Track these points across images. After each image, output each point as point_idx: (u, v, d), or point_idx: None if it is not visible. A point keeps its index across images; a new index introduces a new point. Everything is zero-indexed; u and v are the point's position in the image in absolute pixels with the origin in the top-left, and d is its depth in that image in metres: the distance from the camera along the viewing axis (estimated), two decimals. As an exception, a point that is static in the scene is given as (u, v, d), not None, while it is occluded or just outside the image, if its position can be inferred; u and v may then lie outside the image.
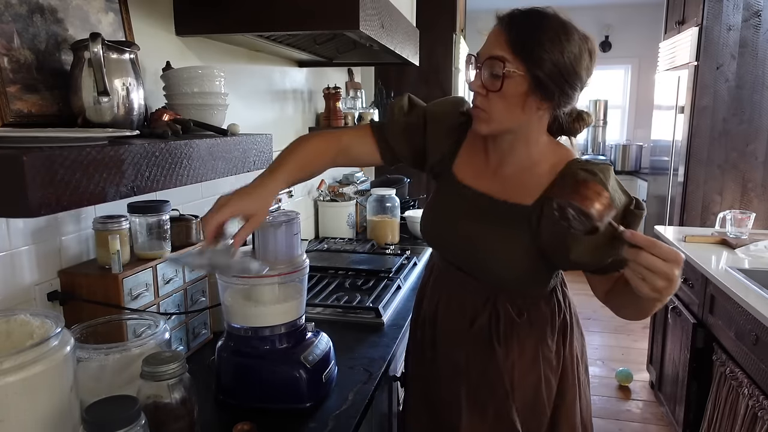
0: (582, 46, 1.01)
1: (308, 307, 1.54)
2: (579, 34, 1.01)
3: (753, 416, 1.76)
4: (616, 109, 6.45)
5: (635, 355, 3.50)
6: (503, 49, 1.00)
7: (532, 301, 1.16)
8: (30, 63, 0.98)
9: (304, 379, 1.10)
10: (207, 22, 1.43)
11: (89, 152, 0.76)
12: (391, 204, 2.51)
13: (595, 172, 1.03)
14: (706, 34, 3.53)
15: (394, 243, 2.42)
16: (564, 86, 1.00)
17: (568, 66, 0.99)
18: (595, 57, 1.04)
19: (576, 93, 1.04)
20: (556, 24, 1.00)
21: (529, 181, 1.09)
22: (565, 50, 0.98)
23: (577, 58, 1.00)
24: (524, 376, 1.15)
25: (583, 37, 1.02)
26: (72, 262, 1.16)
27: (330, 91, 2.40)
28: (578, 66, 1.00)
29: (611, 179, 1.03)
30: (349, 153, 1.24)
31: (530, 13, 1.02)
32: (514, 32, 1.00)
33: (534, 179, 1.09)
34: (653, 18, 5.72)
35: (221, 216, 0.97)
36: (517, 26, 1.01)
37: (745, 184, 3.63)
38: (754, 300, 1.82)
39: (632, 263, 0.85)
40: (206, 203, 1.63)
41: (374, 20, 1.50)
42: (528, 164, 1.11)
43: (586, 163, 1.07)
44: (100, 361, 0.91)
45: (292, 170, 1.12)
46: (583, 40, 1.01)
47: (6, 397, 0.71)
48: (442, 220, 1.21)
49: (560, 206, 0.84)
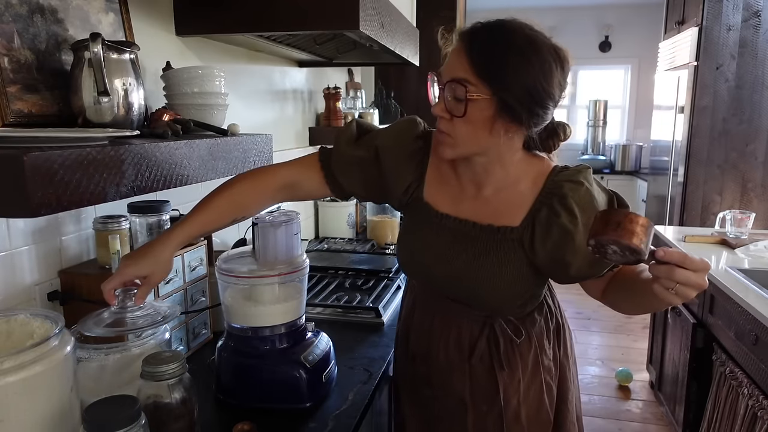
0: (552, 62, 0.93)
1: (308, 307, 1.54)
2: (548, 47, 0.94)
3: (753, 416, 1.76)
4: (616, 109, 6.45)
5: (635, 355, 3.50)
6: (466, 70, 0.92)
7: (528, 317, 1.13)
8: (30, 63, 0.98)
9: (304, 379, 1.10)
10: (207, 22, 1.44)
11: (89, 152, 0.76)
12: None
13: (581, 181, 0.99)
14: (705, 34, 3.53)
15: (394, 243, 2.42)
16: (534, 107, 0.93)
17: (537, 86, 0.92)
18: (568, 68, 0.97)
19: (549, 112, 0.97)
20: (522, 40, 0.92)
21: (513, 200, 1.03)
22: (532, 69, 0.91)
23: (546, 75, 0.92)
24: (528, 389, 1.13)
25: (552, 50, 0.94)
26: (72, 262, 1.16)
27: (330, 91, 2.40)
28: (549, 84, 0.93)
29: (593, 182, 1.01)
30: (292, 190, 1.16)
31: (493, 28, 0.94)
32: (476, 52, 0.92)
33: (517, 198, 1.03)
34: (653, 18, 5.72)
35: (113, 283, 0.96)
36: (479, 45, 0.92)
37: (744, 184, 3.64)
38: (753, 300, 1.82)
39: (664, 279, 0.81)
40: (206, 203, 1.63)
41: (374, 20, 1.50)
42: (507, 183, 1.04)
43: (567, 172, 1.03)
44: (100, 361, 0.91)
45: (196, 226, 1.06)
46: (553, 53, 0.94)
47: (6, 397, 0.71)
48: (427, 253, 1.11)
49: (603, 243, 0.79)
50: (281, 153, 2.15)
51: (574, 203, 0.98)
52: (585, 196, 0.99)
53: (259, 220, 1.13)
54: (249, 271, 1.12)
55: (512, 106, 0.92)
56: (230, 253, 1.19)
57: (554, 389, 1.16)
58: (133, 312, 0.97)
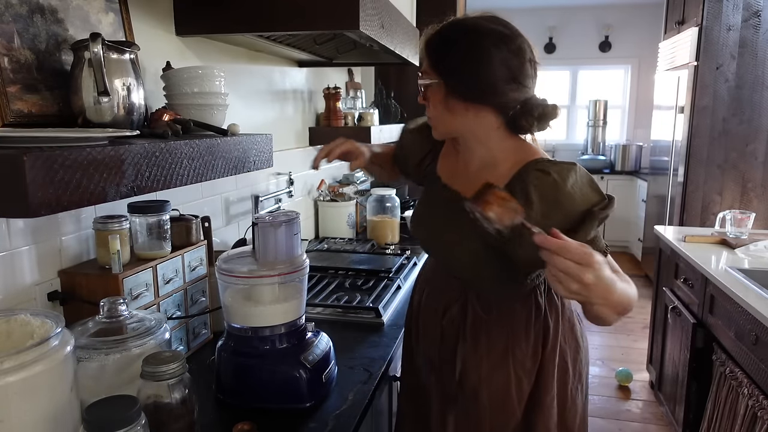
0: (492, 46, 1.04)
1: (308, 307, 1.54)
2: (488, 32, 1.05)
3: (753, 416, 1.76)
4: (616, 109, 6.45)
5: (635, 355, 3.50)
6: (425, 64, 1.13)
7: (506, 301, 1.16)
8: (30, 63, 0.98)
9: (304, 379, 1.10)
10: (207, 22, 1.44)
11: (89, 152, 0.76)
12: (391, 204, 2.51)
13: (549, 173, 1.03)
14: (705, 34, 3.53)
15: (394, 243, 2.42)
16: (478, 84, 1.06)
17: (475, 66, 1.05)
18: (524, 54, 1.06)
19: (502, 89, 1.06)
20: (459, 31, 1.08)
21: (491, 179, 1.04)
22: (469, 53, 1.06)
23: (484, 56, 1.04)
24: (492, 372, 1.16)
25: (494, 34, 1.05)
26: (72, 262, 1.16)
27: (330, 91, 2.40)
28: (487, 64, 1.04)
29: (570, 179, 1.02)
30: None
31: (443, 25, 1.11)
32: (429, 47, 1.11)
33: (494, 178, 1.07)
34: (653, 18, 5.73)
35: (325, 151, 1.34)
36: (432, 42, 1.11)
37: (744, 184, 3.64)
38: (753, 300, 1.82)
39: (549, 266, 0.85)
40: (206, 203, 1.64)
41: (374, 20, 1.50)
42: (490, 162, 1.14)
43: (545, 162, 1.07)
44: (100, 361, 0.91)
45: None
46: (494, 37, 1.05)
47: (6, 397, 0.71)
48: (424, 217, 1.30)
49: (470, 209, 0.92)
50: (281, 153, 2.15)
51: (533, 190, 1.03)
52: (549, 187, 1.02)
53: (259, 220, 1.13)
54: (249, 271, 1.12)
55: (456, 85, 1.08)
56: (230, 253, 1.19)
57: (526, 385, 1.17)
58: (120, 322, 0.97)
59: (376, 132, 2.45)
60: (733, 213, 2.62)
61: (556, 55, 6.39)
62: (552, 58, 6.39)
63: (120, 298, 0.98)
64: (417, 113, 1.38)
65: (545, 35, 6.35)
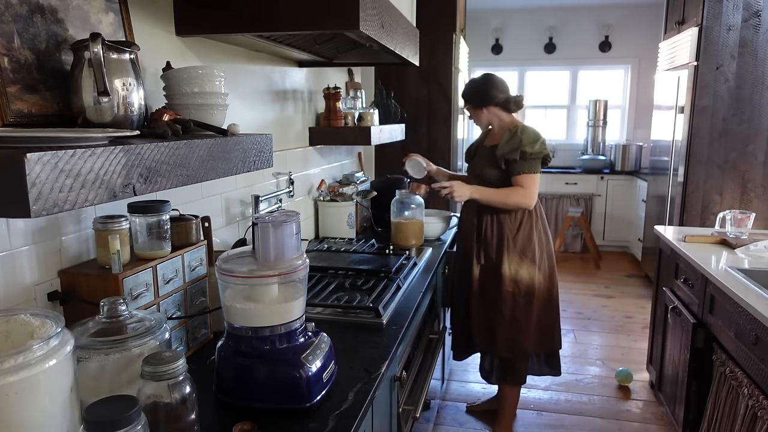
0: (489, 85, 2.36)
1: (308, 307, 1.54)
2: (487, 80, 2.38)
3: (753, 416, 1.76)
4: (616, 109, 6.45)
5: (635, 355, 3.50)
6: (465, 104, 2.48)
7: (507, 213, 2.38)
8: (30, 63, 0.98)
9: (304, 379, 1.10)
10: (207, 23, 1.44)
11: (89, 152, 0.76)
12: (415, 204, 2.44)
13: (514, 132, 2.28)
14: (705, 34, 3.54)
15: (418, 245, 2.41)
16: (486, 101, 2.37)
17: (478, 93, 2.39)
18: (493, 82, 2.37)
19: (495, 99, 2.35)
20: (473, 82, 2.42)
21: (497, 137, 2.37)
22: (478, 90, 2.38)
23: (483, 86, 2.37)
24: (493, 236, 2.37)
25: (488, 80, 2.38)
26: (72, 262, 1.16)
27: (330, 91, 2.40)
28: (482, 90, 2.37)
29: (524, 137, 2.25)
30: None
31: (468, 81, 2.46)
32: (465, 94, 2.46)
33: (498, 136, 2.36)
34: (653, 18, 5.73)
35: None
36: (465, 90, 2.46)
37: (744, 184, 3.64)
38: (754, 300, 1.82)
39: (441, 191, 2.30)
40: (206, 203, 1.64)
41: (374, 20, 1.50)
42: (498, 130, 2.40)
43: (516, 127, 2.30)
44: (100, 361, 0.91)
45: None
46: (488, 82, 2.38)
47: (6, 397, 0.71)
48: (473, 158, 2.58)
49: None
50: (281, 153, 2.15)
51: (504, 138, 2.30)
52: (511, 138, 2.27)
53: (259, 220, 1.13)
54: (249, 271, 1.12)
55: (474, 101, 2.40)
56: (230, 253, 1.19)
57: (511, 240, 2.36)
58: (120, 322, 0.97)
59: (376, 132, 2.45)
60: (733, 213, 2.62)
61: (556, 55, 6.39)
62: (552, 58, 6.39)
63: (120, 298, 0.98)
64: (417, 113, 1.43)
65: (545, 35, 6.35)
